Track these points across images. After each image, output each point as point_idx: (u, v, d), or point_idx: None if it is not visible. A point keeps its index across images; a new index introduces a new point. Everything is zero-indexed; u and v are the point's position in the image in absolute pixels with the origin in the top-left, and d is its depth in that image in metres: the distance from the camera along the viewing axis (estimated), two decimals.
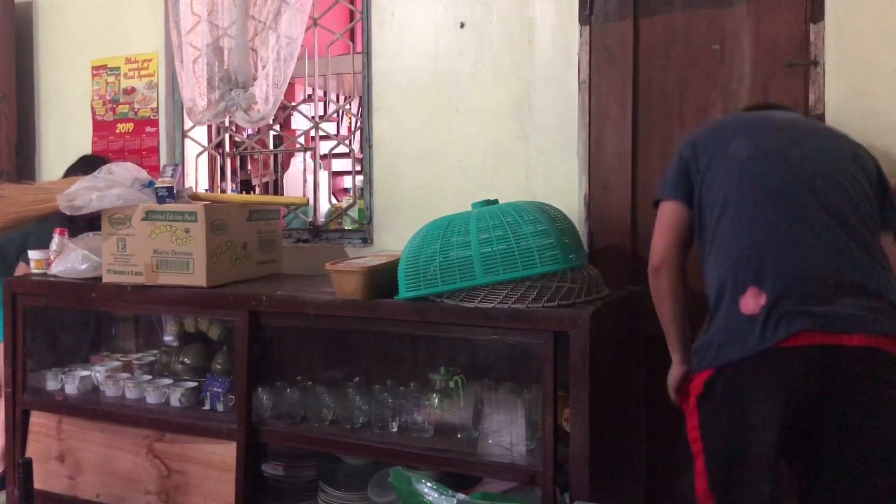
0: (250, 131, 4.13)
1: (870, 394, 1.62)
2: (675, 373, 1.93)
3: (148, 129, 3.43)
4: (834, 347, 1.60)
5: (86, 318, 3.18)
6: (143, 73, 3.43)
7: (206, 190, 3.43)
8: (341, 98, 5.10)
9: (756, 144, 1.78)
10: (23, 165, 3.65)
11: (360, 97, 3.08)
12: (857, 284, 1.64)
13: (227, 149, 3.47)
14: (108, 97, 3.52)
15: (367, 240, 2.98)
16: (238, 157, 4.17)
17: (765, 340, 1.60)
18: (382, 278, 2.24)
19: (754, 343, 1.61)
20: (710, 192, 1.78)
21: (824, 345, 1.60)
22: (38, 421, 2.84)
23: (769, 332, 1.60)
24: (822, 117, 2.29)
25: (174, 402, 2.67)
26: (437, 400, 2.30)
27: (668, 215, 1.87)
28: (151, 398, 2.70)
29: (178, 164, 3.25)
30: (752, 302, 1.63)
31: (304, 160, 3.29)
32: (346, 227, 3.22)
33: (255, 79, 3.07)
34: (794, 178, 1.72)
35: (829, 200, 1.70)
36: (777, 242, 1.67)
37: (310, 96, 3.42)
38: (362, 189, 3.08)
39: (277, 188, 3.82)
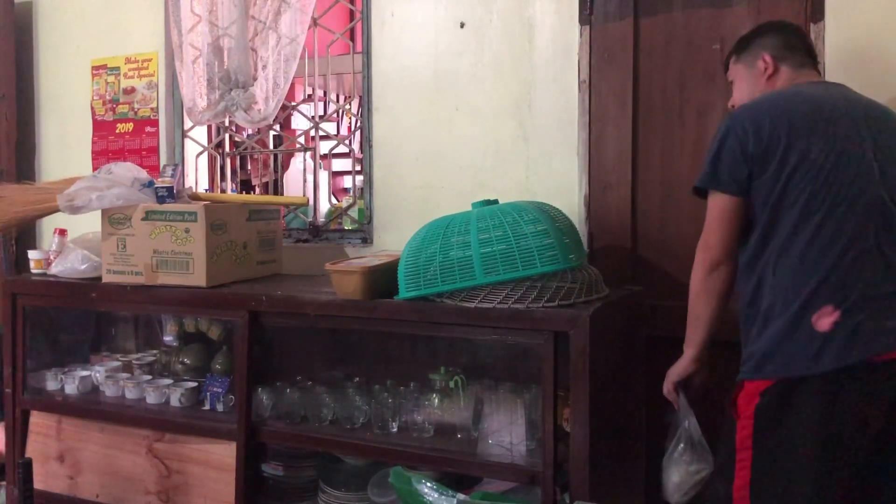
0: (250, 131, 4.12)
1: None
2: (683, 369, 1.91)
3: (148, 129, 3.43)
4: None
5: (86, 318, 3.18)
6: (142, 73, 3.43)
7: (206, 190, 3.42)
8: (341, 98, 5.10)
9: (832, 147, 1.65)
10: (23, 165, 3.64)
11: (360, 97, 3.07)
12: None
13: (227, 149, 3.46)
14: (107, 97, 3.51)
15: (367, 240, 2.98)
16: (238, 157, 4.16)
17: (842, 358, 1.54)
18: (382, 278, 2.24)
19: (830, 359, 1.55)
20: (787, 198, 1.65)
21: None
22: (38, 421, 2.84)
23: (846, 348, 1.55)
24: None
25: (174, 402, 2.67)
26: (437, 400, 2.30)
27: (729, 211, 1.71)
28: (151, 398, 2.70)
29: (178, 164, 3.24)
30: (826, 320, 1.57)
31: (304, 160, 3.28)
32: (346, 227, 3.22)
33: (255, 79, 3.07)
34: (875, 186, 1.64)
35: None
36: (856, 259, 1.60)
37: (310, 96, 3.41)
38: (362, 189, 3.07)
39: (277, 188, 3.81)
